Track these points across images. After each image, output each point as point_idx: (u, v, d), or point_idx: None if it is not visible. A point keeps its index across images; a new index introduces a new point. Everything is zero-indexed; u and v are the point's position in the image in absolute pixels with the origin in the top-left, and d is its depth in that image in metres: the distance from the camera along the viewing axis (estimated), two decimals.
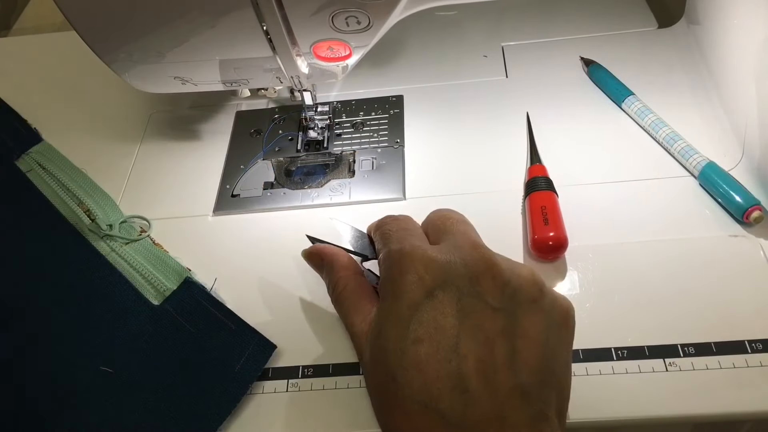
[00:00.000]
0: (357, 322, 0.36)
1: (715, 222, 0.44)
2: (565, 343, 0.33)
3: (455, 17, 0.64)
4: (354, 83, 0.59)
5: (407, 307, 0.31)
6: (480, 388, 0.30)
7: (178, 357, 0.40)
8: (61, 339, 0.42)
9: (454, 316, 0.31)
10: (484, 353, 0.30)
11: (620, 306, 0.41)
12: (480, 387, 0.30)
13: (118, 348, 0.41)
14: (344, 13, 0.41)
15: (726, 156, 0.47)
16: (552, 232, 0.42)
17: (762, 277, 0.41)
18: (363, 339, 0.35)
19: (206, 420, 0.38)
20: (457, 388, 0.30)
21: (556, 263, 0.43)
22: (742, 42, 0.47)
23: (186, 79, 0.47)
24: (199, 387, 0.39)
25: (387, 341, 0.32)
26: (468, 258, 0.32)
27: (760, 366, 0.37)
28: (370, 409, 0.36)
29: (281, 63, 0.45)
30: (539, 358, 0.31)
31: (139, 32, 0.43)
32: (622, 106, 0.52)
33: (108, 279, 0.44)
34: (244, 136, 0.56)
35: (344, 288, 0.38)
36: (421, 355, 0.30)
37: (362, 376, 0.39)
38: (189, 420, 0.38)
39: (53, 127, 0.60)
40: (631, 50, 0.57)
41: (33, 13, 0.78)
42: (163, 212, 0.51)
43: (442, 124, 0.55)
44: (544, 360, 0.31)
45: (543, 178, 0.46)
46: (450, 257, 0.32)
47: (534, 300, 0.32)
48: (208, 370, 0.40)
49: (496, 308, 0.31)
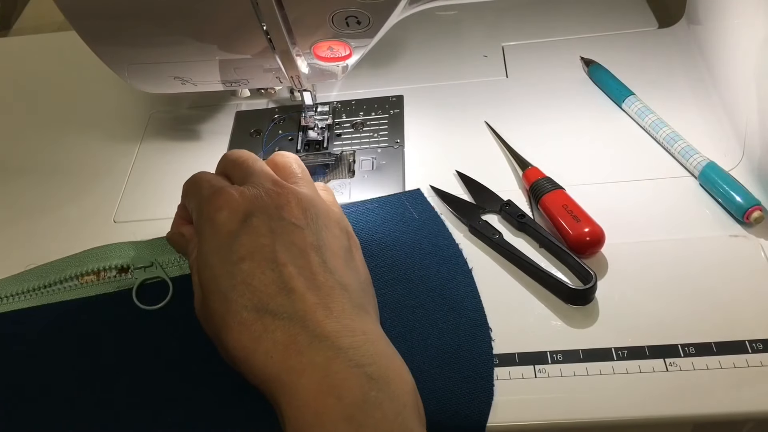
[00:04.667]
0: (195, 277, 0.38)
1: (716, 222, 0.44)
2: (358, 254, 0.40)
3: (455, 17, 0.64)
4: (354, 83, 0.59)
5: (226, 235, 0.35)
6: (303, 286, 0.34)
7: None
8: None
9: (267, 236, 0.35)
10: (301, 261, 0.35)
11: (620, 306, 0.41)
12: (303, 285, 0.34)
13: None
14: (344, 13, 0.41)
15: (726, 156, 0.47)
16: (587, 227, 0.43)
17: (762, 277, 0.41)
18: (197, 285, 0.37)
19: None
20: (284, 289, 0.33)
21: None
22: (742, 42, 0.47)
23: (186, 79, 0.47)
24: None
25: (213, 268, 0.35)
26: (272, 191, 0.37)
27: (761, 366, 0.37)
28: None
29: (281, 63, 0.45)
30: (342, 266, 0.36)
31: (139, 32, 0.43)
32: (623, 106, 0.52)
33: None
34: (244, 136, 0.56)
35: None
36: (246, 270, 0.34)
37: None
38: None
39: (53, 127, 0.60)
40: (631, 50, 0.57)
41: (33, 13, 0.78)
42: (163, 212, 0.50)
43: (442, 124, 0.55)
44: (348, 268, 0.37)
45: (545, 178, 0.47)
46: (256, 192, 0.37)
47: (333, 219, 0.39)
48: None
49: (303, 228, 0.36)
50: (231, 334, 0.33)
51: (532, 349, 0.39)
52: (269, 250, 0.35)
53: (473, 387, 0.37)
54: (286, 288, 0.34)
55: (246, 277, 0.34)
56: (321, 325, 0.32)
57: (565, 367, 0.38)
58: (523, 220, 0.45)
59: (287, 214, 0.36)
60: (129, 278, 0.45)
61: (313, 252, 0.35)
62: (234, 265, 0.34)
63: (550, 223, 0.45)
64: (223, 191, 0.37)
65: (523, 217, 0.45)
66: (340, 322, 0.33)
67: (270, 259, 0.34)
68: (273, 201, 0.37)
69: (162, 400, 0.39)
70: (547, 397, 0.37)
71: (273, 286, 0.34)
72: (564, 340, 0.39)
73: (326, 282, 0.34)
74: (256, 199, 0.36)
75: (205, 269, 0.35)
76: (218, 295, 0.34)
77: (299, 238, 0.36)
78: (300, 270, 0.34)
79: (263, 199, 0.37)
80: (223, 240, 0.35)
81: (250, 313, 0.33)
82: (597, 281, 0.40)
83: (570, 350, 0.39)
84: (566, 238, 0.43)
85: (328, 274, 0.35)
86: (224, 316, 0.34)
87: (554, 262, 0.43)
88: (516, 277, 0.43)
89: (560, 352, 0.39)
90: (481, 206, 0.47)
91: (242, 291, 0.34)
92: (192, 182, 0.40)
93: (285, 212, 0.36)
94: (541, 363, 0.38)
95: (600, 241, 0.43)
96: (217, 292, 0.34)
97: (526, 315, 0.41)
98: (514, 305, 0.41)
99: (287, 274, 0.34)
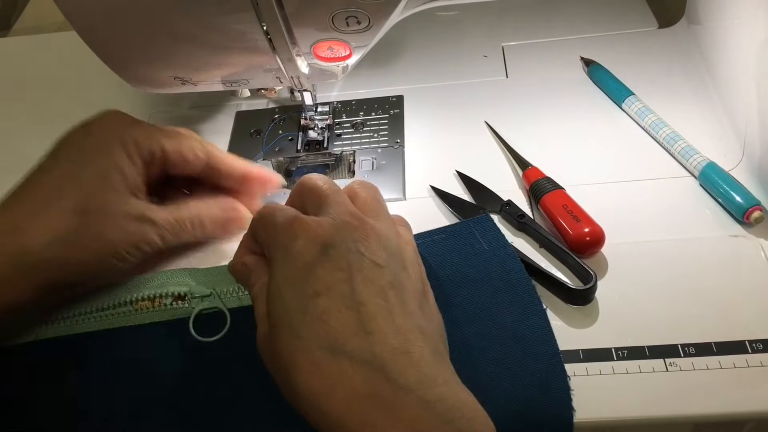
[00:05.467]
0: (258, 309, 0.36)
1: (716, 222, 0.44)
2: (431, 297, 0.37)
3: (455, 17, 0.64)
4: (354, 83, 0.59)
5: (301, 266, 0.33)
6: (383, 328, 0.31)
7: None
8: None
9: (345, 271, 0.33)
10: (379, 301, 0.32)
11: (620, 306, 0.41)
12: (383, 327, 0.31)
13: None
14: (344, 13, 0.41)
15: (726, 156, 0.47)
16: (587, 227, 0.43)
17: (762, 277, 0.41)
18: (262, 317, 0.35)
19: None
20: (362, 330, 0.31)
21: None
22: (742, 42, 0.47)
23: (186, 79, 0.47)
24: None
25: (285, 301, 0.33)
26: (351, 224, 0.35)
27: (761, 366, 0.37)
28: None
29: (281, 63, 0.45)
30: (417, 311, 0.34)
31: (139, 32, 0.43)
32: (623, 106, 0.52)
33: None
34: (244, 136, 0.56)
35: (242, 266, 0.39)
36: (322, 306, 0.32)
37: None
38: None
39: (53, 127, 0.60)
40: (631, 50, 0.57)
41: (33, 13, 0.78)
42: None
43: (442, 124, 0.55)
44: (424, 311, 0.35)
45: (545, 178, 0.47)
46: (334, 223, 0.35)
47: (409, 260, 0.36)
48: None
49: (382, 266, 0.34)
50: (301, 375, 0.31)
51: None
52: (347, 286, 0.32)
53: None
54: (365, 329, 0.31)
55: (321, 314, 0.32)
56: (404, 374, 0.30)
57: (566, 367, 0.38)
58: (523, 220, 0.45)
59: (366, 250, 0.34)
60: (185, 307, 0.42)
61: (392, 292, 0.33)
62: (309, 299, 0.32)
63: (550, 223, 0.45)
64: (299, 219, 0.35)
65: (523, 217, 0.45)
66: (422, 370, 0.31)
67: (347, 296, 0.32)
68: (351, 234, 0.34)
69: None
70: None
71: (350, 325, 0.31)
72: (564, 340, 0.39)
73: (405, 325, 0.32)
74: (334, 230, 0.34)
75: (276, 301, 0.33)
76: (289, 330, 0.32)
77: (377, 276, 0.33)
78: (379, 310, 0.32)
79: (342, 231, 0.34)
80: (297, 271, 0.33)
81: (323, 354, 0.31)
82: (597, 281, 0.40)
83: (570, 350, 0.39)
84: (566, 238, 0.43)
85: (406, 317, 0.33)
86: (294, 353, 0.31)
87: (554, 262, 0.43)
88: None
89: (560, 352, 0.39)
90: (481, 206, 0.47)
91: (316, 328, 0.31)
92: (264, 212, 0.37)
93: (363, 247, 0.34)
94: None
95: (600, 241, 0.43)
96: (288, 327, 0.32)
97: None
98: None
99: (365, 313, 0.32)
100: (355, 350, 0.30)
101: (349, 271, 0.33)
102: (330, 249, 0.33)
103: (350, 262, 0.33)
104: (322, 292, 0.32)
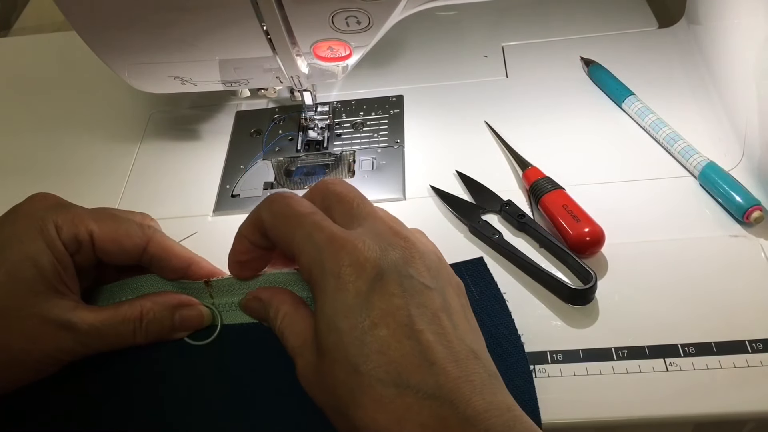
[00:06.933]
0: (292, 340, 0.34)
1: (715, 222, 0.44)
2: (470, 311, 0.35)
3: (455, 17, 0.64)
4: (354, 83, 0.59)
5: (354, 294, 0.31)
6: (443, 357, 0.30)
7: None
8: None
9: (401, 297, 0.31)
10: (436, 327, 0.31)
11: (620, 306, 0.41)
12: (443, 356, 0.30)
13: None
14: (344, 13, 0.41)
15: (726, 156, 0.47)
16: (587, 227, 0.43)
17: (762, 277, 0.41)
18: (303, 348, 0.33)
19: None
20: (425, 361, 0.30)
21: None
22: (742, 42, 0.47)
23: (186, 79, 0.47)
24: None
25: (341, 334, 0.30)
26: (397, 244, 0.33)
27: (761, 366, 0.37)
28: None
29: (281, 63, 0.45)
30: (468, 328, 0.33)
31: (139, 32, 0.43)
32: (623, 106, 0.52)
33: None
34: (244, 136, 0.56)
35: (284, 316, 0.36)
36: (381, 338, 0.30)
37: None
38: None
39: (53, 126, 0.60)
40: (631, 50, 0.57)
41: (33, 13, 0.78)
42: (163, 212, 0.50)
43: (442, 124, 0.55)
44: (472, 331, 0.33)
45: (545, 178, 0.47)
46: (381, 244, 0.32)
47: (448, 274, 0.35)
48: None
49: (432, 288, 0.32)
50: (365, 412, 0.29)
51: (532, 348, 0.39)
52: (404, 314, 0.31)
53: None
54: (427, 360, 0.30)
55: (381, 347, 0.30)
56: (470, 404, 0.29)
57: (565, 367, 0.38)
58: (523, 220, 0.45)
59: (415, 272, 0.32)
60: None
61: (444, 315, 0.32)
62: (366, 332, 0.30)
63: (550, 223, 0.45)
64: (342, 240, 0.32)
65: (523, 217, 0.45)
66: (485, 398, 0.29)
67: (406, 325, 0.30)
68: (400, 256, 0.32)
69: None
70: (547, 397, 0.37)
71: (412, 357, 0.30)
72: (564, 340, 0.39)
73: (461, 350, 0.31)
74: (384, 253, 0.32)
75: (330, 334, 0.31)
76: (346, 365, 0.30)
77: (429, 300, 0.32)
78: (437, 337, 0.30)
79: (390, 253, 0.32)
80: (350, 300, 0.31)
81: (387, 389, 0.29)
82: (597, 281, 0.40)
83: (570, 350, 0.39)
84: (566, 238, 0.43)
85: (460, 341, 0.31)
86: (354, 390, 0.30)
87: (554, 262, 0.43)
88: (516, 277, 0.43)
89: (560, 352, 0.39)
90: (481, 206, 0.47)
91: (377, 362, 0.30)
92: (288, 212, 0.34)
93: (413, 269, 0.32)
94: (541, 363, 0.38)
95: (600, 241, 0.43)
96: (345, 362, 0.30)
97: (526, 315, 0.41)
98: (515, 305, 0.41)
99: (425, 342, 0.30)
100: (420, 384, 0.29)
101: (404, 297, 0.31)
102: (384, 275, 0.31)
103: (405, 288, 0.31)
104: (379, 322, 0.30)
